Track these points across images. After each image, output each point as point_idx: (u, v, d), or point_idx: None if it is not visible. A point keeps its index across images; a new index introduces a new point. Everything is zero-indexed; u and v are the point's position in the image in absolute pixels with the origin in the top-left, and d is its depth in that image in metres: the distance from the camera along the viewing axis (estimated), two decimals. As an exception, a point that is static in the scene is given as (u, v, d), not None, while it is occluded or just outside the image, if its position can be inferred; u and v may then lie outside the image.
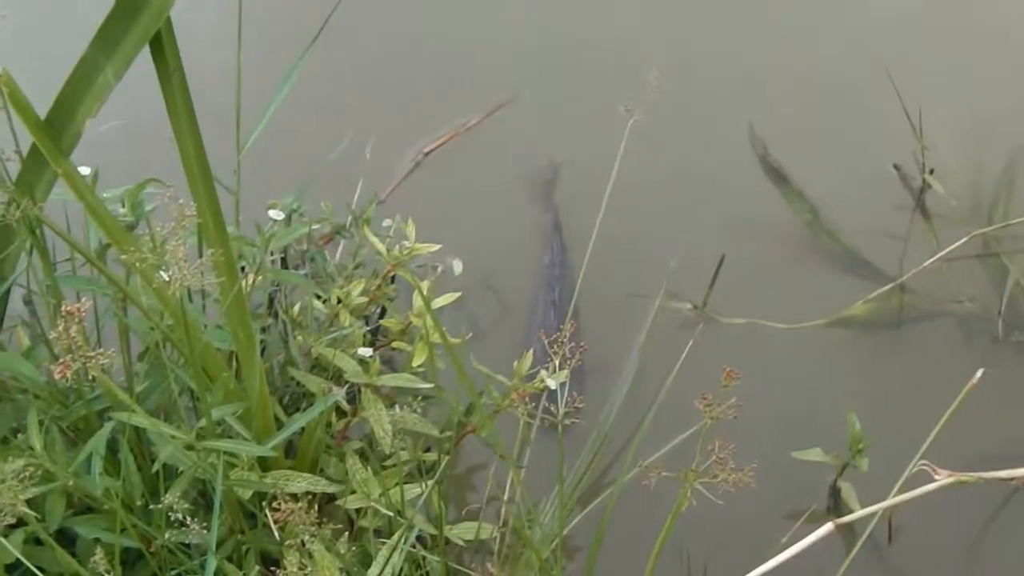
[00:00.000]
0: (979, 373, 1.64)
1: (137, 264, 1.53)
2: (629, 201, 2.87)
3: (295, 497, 2.00)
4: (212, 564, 1.64)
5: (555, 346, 1.52)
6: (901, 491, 1.73)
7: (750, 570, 1.61)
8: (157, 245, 1.58)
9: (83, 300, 1.43)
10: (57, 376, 1.39)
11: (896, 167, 3.18)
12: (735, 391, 1.44)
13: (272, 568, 1.64)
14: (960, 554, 2.44)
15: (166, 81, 1.64)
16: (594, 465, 2.39)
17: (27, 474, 1.48)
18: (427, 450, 2.17)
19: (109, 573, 1.56)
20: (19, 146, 1.81)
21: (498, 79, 3.36)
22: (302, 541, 1.55)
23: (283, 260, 2.45)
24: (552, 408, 1.55)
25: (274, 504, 1.42)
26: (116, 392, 1.62)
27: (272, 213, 2.15)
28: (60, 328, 1.38)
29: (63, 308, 1.39)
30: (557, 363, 1.51)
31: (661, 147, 3.17)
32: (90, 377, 1.52)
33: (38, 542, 1.81)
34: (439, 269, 2.48)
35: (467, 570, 2.08)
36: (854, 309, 2.86)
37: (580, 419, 1.57)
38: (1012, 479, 2.06)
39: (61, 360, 1.39)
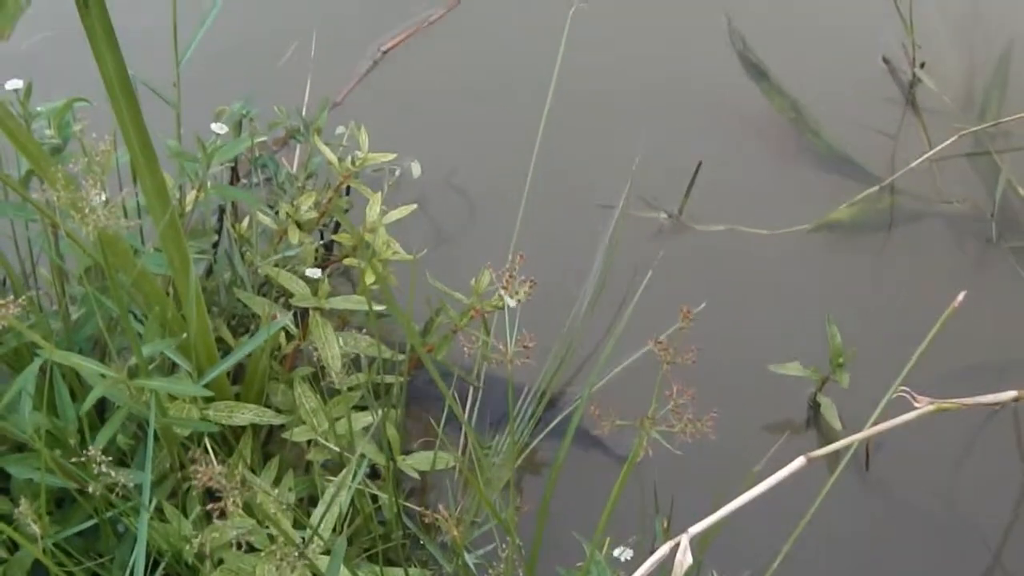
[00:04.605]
0: (961, 296, 1.55)
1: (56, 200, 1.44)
2: (598, 100, 2.76)
3: (236, 432, 1.94)
4: (145, 518, 1.55)
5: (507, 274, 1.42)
6: (880, 415, 1.65)
7: (723, 492, 1.53)
8: (67, 185, 1.47)
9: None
10: (-37, 329, 1.30)
11: (885, 60, 3.06)
12: (713, 299, 1.35)
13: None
14: (945, 467, 2.36)
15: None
16: (557, 378, 2.30)
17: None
18: (385, 371, 2.08)
19: (36, 523, 1.48)
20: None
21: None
22: (243, 479, 1.46)
23: (233, 169, 2.35)
24: (501, 346, 1.45)
25: (193, 467, 1.32)
26: (31, 337, 1.52)
27: (215, 127, 2.04)
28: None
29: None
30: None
31: (633, 43, 3.05)
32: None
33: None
34: (397, 172, 2.38)
35: (417, 508, 2.00)
36: (840, 212, 2.75)
37: (530, 359, 1.47)
38: (996, 404, 1.98)
39: (-32, 310, 1.30)
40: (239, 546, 1.77)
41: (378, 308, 2.03)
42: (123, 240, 1.75)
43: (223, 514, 1.34)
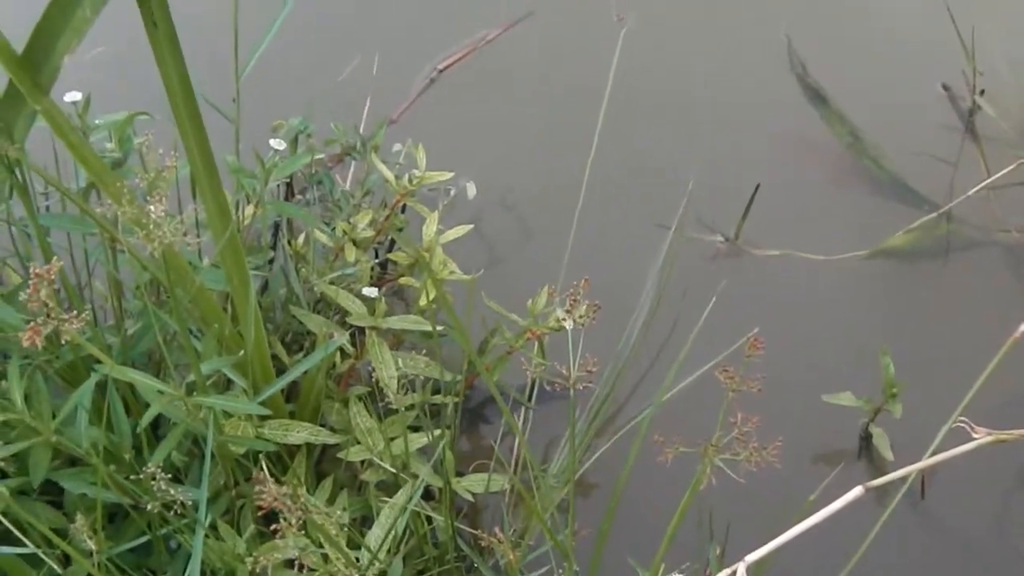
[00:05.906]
0: (1022, 328, 1.52)
1: (119, 214, 1.43)
2: (656, 123, 2.74)
3: (290, 450, 1.92)
4: (200, 535, 1.54)
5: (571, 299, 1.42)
6: (937, 447, 1.62)
7: (777, 521, 1.51)
8: (131, 199, 1.46)
9: (55, 261, 1.32)
10: (25, 343, 1.28)
11: (945, 87, 3.03)
12: (765, 325, 1.34)
13: (271, 524, 1.54)
14: (998, 497, 2.33)
15: (144, 6, 1.51)
16: (609, 401, 2.28)
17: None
18: (437, 391, 2.06)
19: (91, 538, 1.48)
20: (-4, 83, 1.70)
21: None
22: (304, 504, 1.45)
23: (288, 185, 2.34)
24: (564, 370, 1.44)
25: (258, 488, 1.31)
26: (92, 351, 1.50)
27: (273, 142, 2.02)
28: (30, 291, 1.28)
29: (31, 270, 1.28)
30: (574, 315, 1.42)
31: (689, 66, 3.03)
32: (63, 341, 1.42)
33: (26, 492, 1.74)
34: (452, 192, 2.37)
35: (470, 530, 1.98)
36: (896, 239, 2.72)
37: (592, 383, 1.46)
38: (1057, 436, 1.95)
39: (30, 325, 1.28)
40: (291, 565, 1.77)
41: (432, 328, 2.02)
42: (182, 256, 1.75)
43: (282, 534, 1.33)
